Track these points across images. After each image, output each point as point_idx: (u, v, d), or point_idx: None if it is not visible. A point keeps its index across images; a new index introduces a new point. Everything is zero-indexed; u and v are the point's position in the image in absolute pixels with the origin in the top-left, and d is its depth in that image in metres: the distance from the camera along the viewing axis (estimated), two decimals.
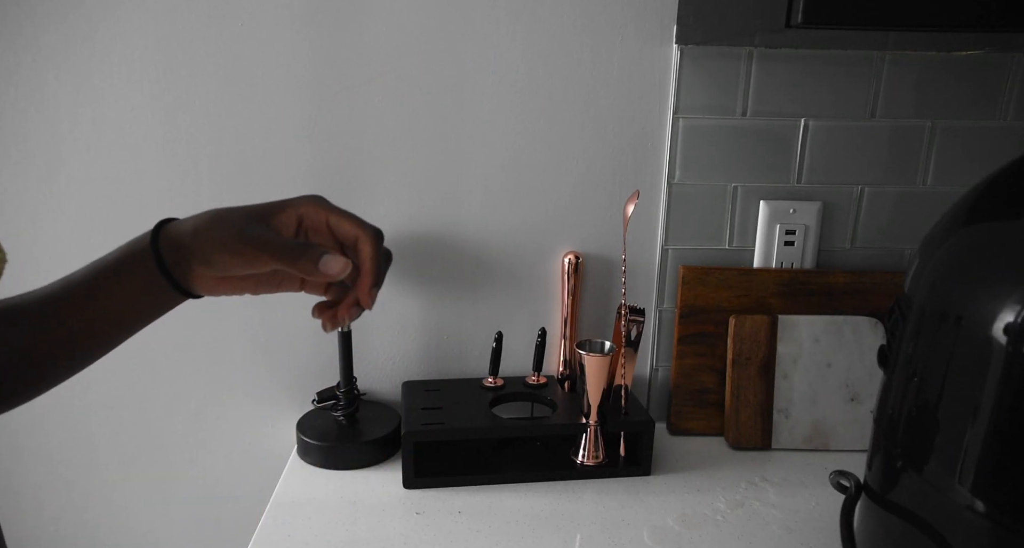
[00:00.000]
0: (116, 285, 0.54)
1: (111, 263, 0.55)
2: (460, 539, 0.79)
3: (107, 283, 0.55)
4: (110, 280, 0.55)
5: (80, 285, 0.55)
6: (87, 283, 0.55)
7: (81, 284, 0.55)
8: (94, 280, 0.55)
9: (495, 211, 0.98)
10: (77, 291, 0.55)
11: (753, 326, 0.97)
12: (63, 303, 0.54)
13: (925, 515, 0.59)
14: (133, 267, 0.55)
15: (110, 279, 0.55)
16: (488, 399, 0.96)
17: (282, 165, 0.95)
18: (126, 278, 0.55)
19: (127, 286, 0.55)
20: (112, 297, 0.55)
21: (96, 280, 0.55)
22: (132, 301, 0.56)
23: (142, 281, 0.55)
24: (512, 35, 0.92)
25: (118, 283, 0.54)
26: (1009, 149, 0.98)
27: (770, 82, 0.94)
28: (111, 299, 0.55)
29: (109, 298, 0.55)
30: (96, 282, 0.55)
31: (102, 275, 0.55)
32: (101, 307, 0.55)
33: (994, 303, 0.52)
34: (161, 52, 0.90)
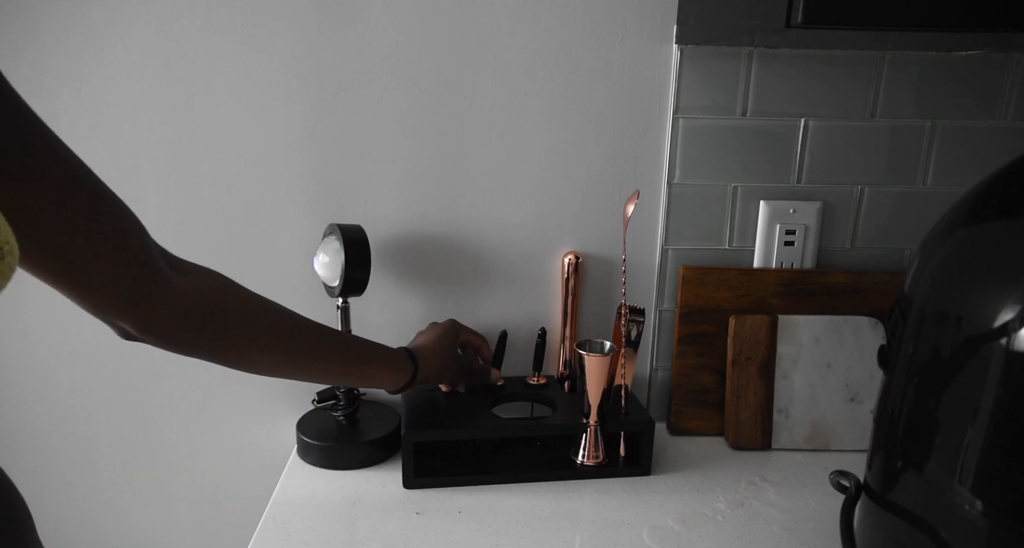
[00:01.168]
0: (362, 380, 0.81)
1: (370, 350, 0.81)
2: (460, 539, 0.79)
3: (358, 360, 0.79)
4: (363, 362, 0.80)
5: (336, 341, 0.76)
6: (343, 346, 0.77)
7: (338, 341, 0.77)
8: (349, 350, 0.78)
9: (495, 211, 0.98)
10: (333, 344, 0.76)
11: (753, 326, 0.97)
12: (318, 355, 0.74)
13: (925, 515, 0.59)
14: (388, 366, 0.82)
15: (364, 362, 0.80)
16: (488, 399, 0.96)
17: (282, 165, 0.95)
18: (376, 369, 0.82)
19: (369, 382, 0.83)
20: (349, 380, 0.83)
21: (353, 351, 0.78)
22: (359, 383, 0.83)
23: (384, 382, 0.84)
24: (512, 35, 0.92)
25: (366, 367, 0.80)
26: (1009, 149, 0.98)
27: (770, 82, 0.94)
28: (347, 379, 0.82)
29: (345, 378, 0.82)
30: (350, 353, 0.78)
31: (359, 352, 0.79)
32: (340, 379, 0.84)
33: (994, 303, 0.52)
34: (161, 52, 0.90)
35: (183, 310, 0.60)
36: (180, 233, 0.97)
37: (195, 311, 0.61)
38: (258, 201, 0.96)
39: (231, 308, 0.64)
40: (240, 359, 0.66)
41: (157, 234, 0.96)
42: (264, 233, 0.97)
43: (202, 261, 0.66)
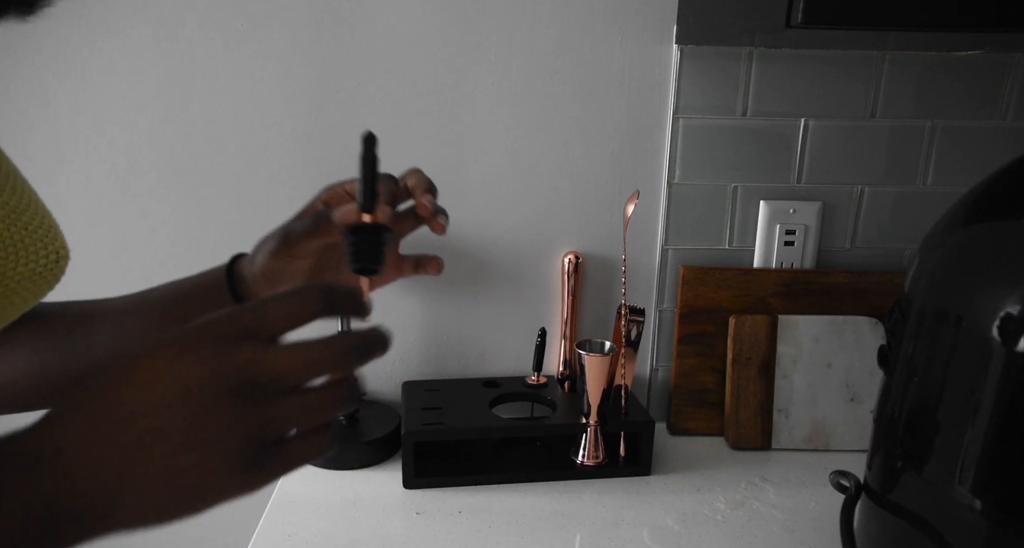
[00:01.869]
0: (194, 308, 0.56)
1: (190, 286, 0.58)
2: (460, 539, 0.79)
3: (183, 304, 0.57)
4: (188, 304, 0.57)
5: (157, 303, 0.58)
6: (165, 303, 0.58)
7: (158, 301, 0.58)
8: (173, 300, 0.58)
9: (495, 211, 0.98)
10: (153, 309, 0.57)
11: (753, 326, 0.97)
12: (139, 318, 0.57)
13: (925, 515, 0.59)
14: (209, 293, 0.57)
15: (188, 303, 0.57)
16: (488, 399, 0.96)
17: (282, 165, 0.95)
18: (206, 303, 0.57)
19: (201, 310, 0.55)
20: (187, 319, 0.56)
21: (175, 301, 0.58)
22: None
23: (216, 307, 0.55)
24: (512, 35, 0.92)
25: (197, 307, 0.56)
26: (1009, 149, 0.98)
27: (770, 82, 0.94)
28: (185, 321, 0.56)
29: (183, 320, 0.56)
30: (172, 303, 0.58)
31: (180, 297, 0.58)
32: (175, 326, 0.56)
33: (994, 303, 0.52)
34: (161, 52, 0.90)
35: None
36: (180, 233, 0.97)
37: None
38: (258, 201, 0.96)
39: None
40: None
41: (157, 234, 0.97)
42: (264, 233, 0.97)
43: (202, 261, 0.65)
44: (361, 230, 0.46)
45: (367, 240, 0.45)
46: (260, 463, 0.35)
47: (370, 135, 0.47)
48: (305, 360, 0.35)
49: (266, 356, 0.34)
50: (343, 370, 0.37)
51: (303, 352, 0.35)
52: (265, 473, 0.35)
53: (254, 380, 0.34)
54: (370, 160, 0.48)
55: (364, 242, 0.45)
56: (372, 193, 0.47)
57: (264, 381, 0.34)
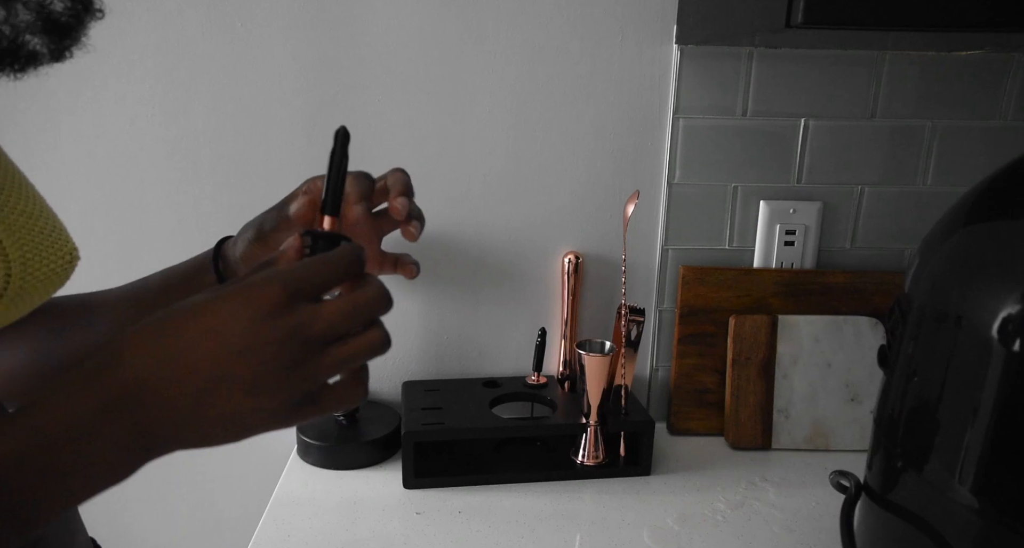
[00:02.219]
0: (185, 292, 0.59)
1: (181, 272, 0.61)
2: (460, 539, 0.79)
3: (176, 288, 0.60)
4: (180, 287, 0.60)
5: (153, 289, 0.60)
6: (159, 288, 0.60)
7: (153, 288, 0.61)
8: (166, 286, 0.61)
9: (495, 211, 0.98)
10: (148, 294, 0.60)
11: (753, 326, 0.97)
12: (138, 304, 0.59)
13: (925, 515, 0.59)
14: (199, 276, 0.60)
15: (180, 286, 0.60)
16: (488, 399, 0.96)
17: (282, 165, 0.95)
18: (193, 285, 0.60)
19: (193, 291, 0.56)
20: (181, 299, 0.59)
21: (168, 286, 0.60)
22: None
23: (203, 288, 0.58)
24: (512, 35, 0.92)
25: (187, 290, 0.59)
26: (1009, 149, 0.98)
27: (770, 82, 0.94)
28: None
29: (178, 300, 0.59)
30: (167, 289, 0.60)
31: (173, 281, 0.61)
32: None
33: (994, 303, 0.52)
34: (161, 53, 0.90)
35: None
36: (180, 233, 0.97)
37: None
38: (258, 201, 0.96)
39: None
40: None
41: (157, 234, 0.97)
42: None
43: None
44: (317, 237, 0.44)
45: (322, 248, 0.44)
46: (307, 406, 0.40)
47: (343, 131, 0.45)
48: (348, 314, 0.39)
49: (317, 315, 0.38)
50: (377, 317, 0.41)
51: (346, 307, 0.39)
52: (310, 414, 0.40)
53: (307, 337, 0.38)
54: (338, 158, 0.45)
55: (319, 249, 0.44)
56: (337, 195, 0.45)
57: (315, 337, 0.38)
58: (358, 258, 0.41)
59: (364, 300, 0.40)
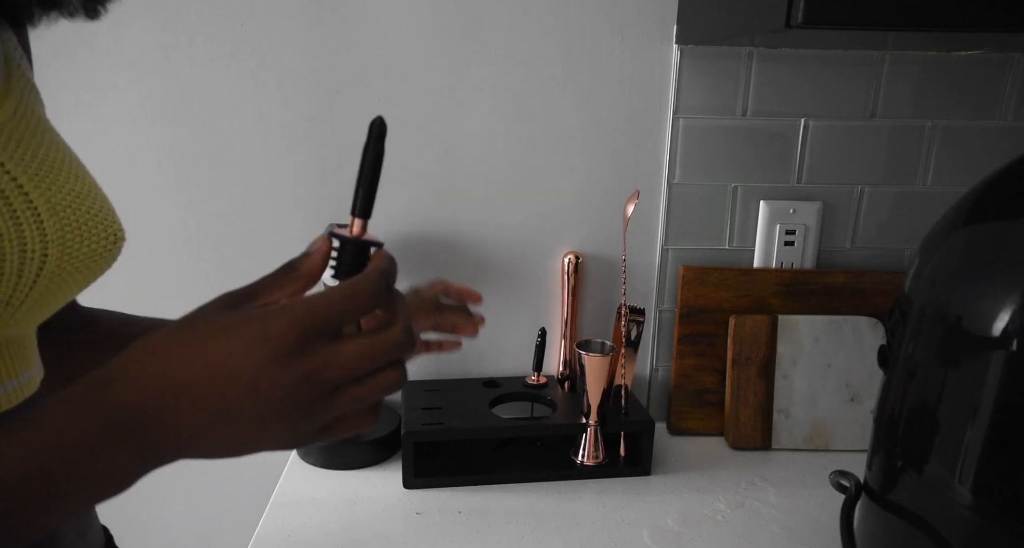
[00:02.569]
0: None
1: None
2: (460, 539, 0.79)
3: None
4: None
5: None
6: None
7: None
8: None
9: (495, 211, 0.98)
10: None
11: (753, 326, 0.97)
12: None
13: (925, 515, 0.59)
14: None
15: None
16: (488, 399, 0.96)
17: (282, 165, 0.95)
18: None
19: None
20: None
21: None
22: None
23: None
24: (512, 35, 0.92)
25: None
26: (1009, 149, 0.98)
27: (770, 82, 0.94)
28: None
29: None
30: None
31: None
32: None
33: (994, 303, 0.52)
34: (161, 52, 0.90)
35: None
36: (180, 233, 0.97)
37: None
38: (258, 201, 0.96)
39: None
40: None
41: (157, 234, 0.97)
42: (264, 233, 0.97)
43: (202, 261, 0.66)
44: (345, 242, 0.41)
45: (348, 254, 0.41)
46: (315, 435, 0.39)
47: (379, 121, 0.41)
48: (367, 358, 0.38)
49: (334, 358, 0.37)
50: (397, 360, 0.39)
51: (365, 351, 0.37)
52: (317, 441, 0.39)
53: (321, 382, 0.37)
54: (373, 154, 0.41)
55: (345, 256, 0.41)
56: (369, 195, 0.41)
57: (330, 382, 0.37)
58: (383, 289, 0.38)
59: (386, 344, 0.38)
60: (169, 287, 0.98)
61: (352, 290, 0.37)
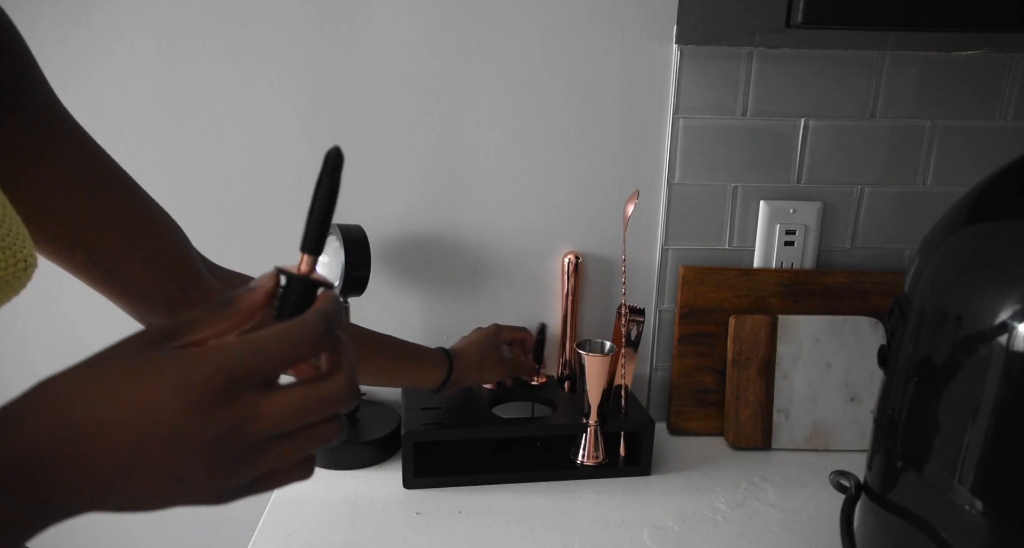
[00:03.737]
0: (408, 370, 0.84)
1: (409, 350, 0.84)
2: (460, 539, 0.79)
3: (401, 362, 0.83)
4: (404, 363, 0.83)
5: (378, 343, 0.78)
6: (383, 347, 0.79)
7: (380, 342, 0.78)
8: (392, 350, 0.80)
9: (495, 211, 0.98)
10: (372, 345, 0.78)
11: (753, 326, 0.97)
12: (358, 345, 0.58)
13: (925, 515, 0.59)
14: (427, 365, 0.85)
15: (404, 363, 0.83)
16: (488, 399, 0.96)
17: (282, 165, 0.95)
18: (417, 370, 0.84)
19: (406, 379, 0.85)
20: (399, 368, 0.83)
21: (394, 352, 0.81)
22: (396, 382, 0.87)
23: (421, 379, 0.85)
24: (512, 35, 0.92)
25: (408, 371, 0.84)
26: (1009, 149, 0.98)
27: (770, 82, 0.94)
28: (397, 369, 0.84)
29: (395, 367, 0.83)
30: (393, 352, 0.81)
31: (401, 352, 0.82)
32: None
33: (994, 303, 0.52)
34: (161, 52, 0.90)
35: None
36: None
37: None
38: (258, 201, 0.96)
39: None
40: None
41: None
42: (264, 233, 0.97)
43: None
44: (291, 280, 0.37)
45: (293, 294, 0.37)
46: (243, 489, 0.36)
47: (335, 152, 0.37)
48: (299, 413, 0.34)
49: (261, 409, 0.33)
50: (334, 414, 0.36)
51: (297, 404, 0.34)
52: (247, 496, 0.36)
53: (247, 436, 0.33)
54: (327, 187, 0.37)
55: (290, 295, 0.37)
56: (321, 229, 0.37)
57: (256, 436, 0.34)
58: (320, 335, 0.35)
59: (322, 397, 0.35)
60: None
61: (286, 335, 0.34)
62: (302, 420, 0.35)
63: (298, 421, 0.34)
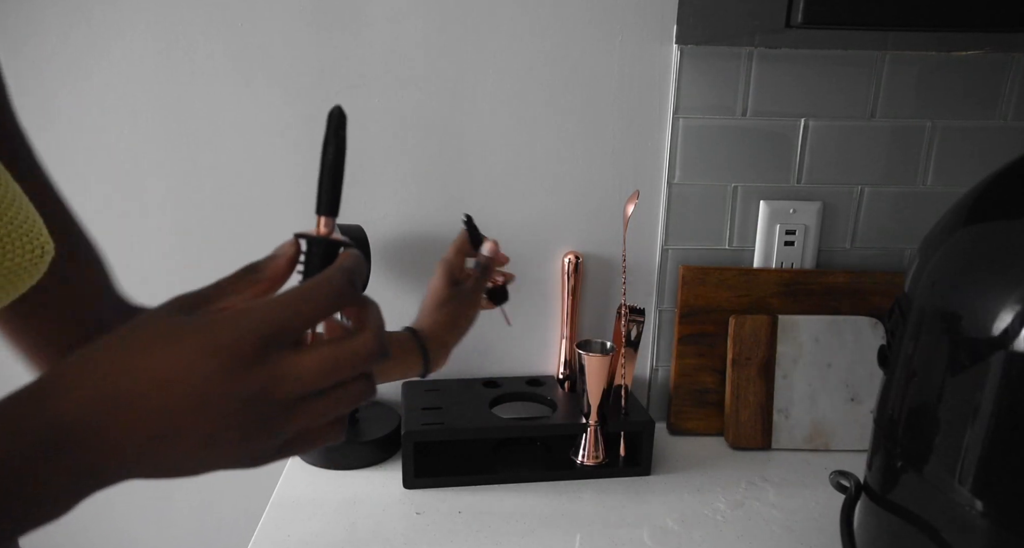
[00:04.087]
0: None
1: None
2: (460, 539, 0.79)
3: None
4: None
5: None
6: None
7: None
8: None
9: (495, 211, 0.98)
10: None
11: (753, 326, 0.97)
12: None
13: (925, 515, 0.59)
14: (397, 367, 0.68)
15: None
16: (488, 399, 0.96)
17: (282, 165, 0.95)
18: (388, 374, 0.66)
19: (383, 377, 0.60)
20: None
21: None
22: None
23: (399, 374, 0.71)
24: (512, 35, 0.92)
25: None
26: (1009, 149, 0.98)
27: (770, 82, 0.94)
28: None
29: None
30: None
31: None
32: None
33: (994, 303, 0.52)
34: (161, 52, 0.90)
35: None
36: (179, 233, 0.97)
37: None
38: (258, 201, 0.96)
39: None
40: None
41: (157, 234, 0.97)
42: (264, 233, 0.97)
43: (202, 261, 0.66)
44: (312, 242, 0.38)
45: (316, 256, 0.38)
46: (274, 453, 0.36)
47: (337, 111, 0.37)
48: (329, 370, 0.34)
49: (291, 369, 0.34)
50: (364, 372, 0.36)
51: (327, 362, 0.34)
52: (277, 459, 0.36)
53: (278, 396, 0.34)
54: (333, 146, 0.38)
55: (312, 258, 0.38)
56: (334, 189, 0.39)
57: (287, 396, 0.34)
58: (345, 289, 0.35)
59: (352, 354, 0.35)
60: (168, 287, 0.98)
61: (310, 292, 0.34)
62: (332, 378, 0.35)
63: (328, 379, 0.34)
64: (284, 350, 0.34)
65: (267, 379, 0.33)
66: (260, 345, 0.33)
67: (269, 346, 0.33)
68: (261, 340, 0.33)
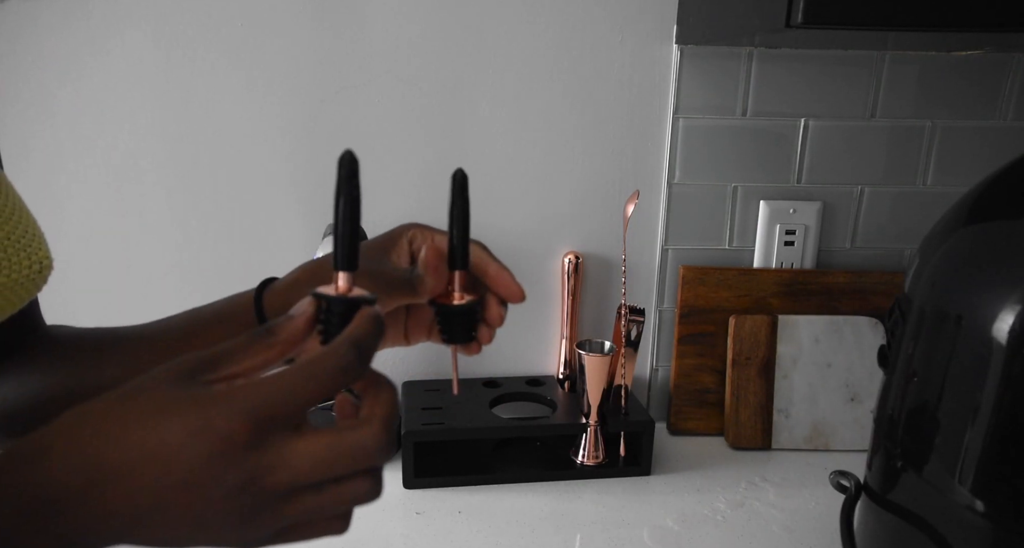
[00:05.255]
0: (214, 334, 0.51)
1: (210, 313, 0.53)
2: (460, 539, 0.79)
3: (204, 331, 0.52)
4: (208, 329, 0.52)
5: (177, 329, 0.53)
6: (184, 328, 0.53)
7: (177, 328, 0.53)
8: (191, 326, 0.53)
9: (495, 211, 0.98)
10: (173, 334, 0.53)
11: (753, 326, 0.97)
12: (157, 343, 0.52)
13: (925, 515, 0.59)
14: (234, 318, 0.51)
15: (208, 328, 0.52)
16: (488, 399, 0.96)
17: (282, 165, 0.95)
18: (225, 328, 0.51)
19: (224, 336, 0.46)
20: (207, 345, 0.47)
21: (194, 326, 0.53)
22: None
23: (240, 331, 0.51)
24: (512, 35, 0.92)
25: (216, 333, 0.51)
26: (1009, 149, 0.98)
27: (770, 82, 0.94)
28: (206, 346, 0.48)
29: (204, 345, 0.46)
30: (194, 329, 0.52)
31: (200, 323, 0.53)
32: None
33: (994, 303, 0.52)
34: (161, 52, 0.90)
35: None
36: (179, 233, 0.97)
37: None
38: (258, 201, 0.96)
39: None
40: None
41: (157, 234, 0.97)
42: (264, 233, 0.97)
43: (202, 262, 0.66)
44: (333, 303, 0.36)
45: (335, 315, 0.35)
46: (265, 543, 0.34)
47: (349, 157, 0.34)
48: (326, 464, 0.32)
49: (284, 457, 0.32)
50: (367, 468, 0.34)
51: (324, 452, 0.32)
52: (269, 544, 0.34)
53: (268, 486, 0.32)
54: (350, 195, 0.35)
55: (332, 317, 0.35)
56: (351, 243, 0.36)
57: (276, 484, 0.32)
58: (352, 365, 0.33)
59: (352, 448, 0.32)
60: (168, 288, 0.98)
61: (313, 370, 0.32)
62: (328, 473, 0.32)
63: (324, 473, 0.32)
64: (280, 434, 0.32)
65: (258, 467, 0.31)
66: (254, 429, 0.31)
67: (264, 430, 0.31)
68: (256, 424, 0.31)
